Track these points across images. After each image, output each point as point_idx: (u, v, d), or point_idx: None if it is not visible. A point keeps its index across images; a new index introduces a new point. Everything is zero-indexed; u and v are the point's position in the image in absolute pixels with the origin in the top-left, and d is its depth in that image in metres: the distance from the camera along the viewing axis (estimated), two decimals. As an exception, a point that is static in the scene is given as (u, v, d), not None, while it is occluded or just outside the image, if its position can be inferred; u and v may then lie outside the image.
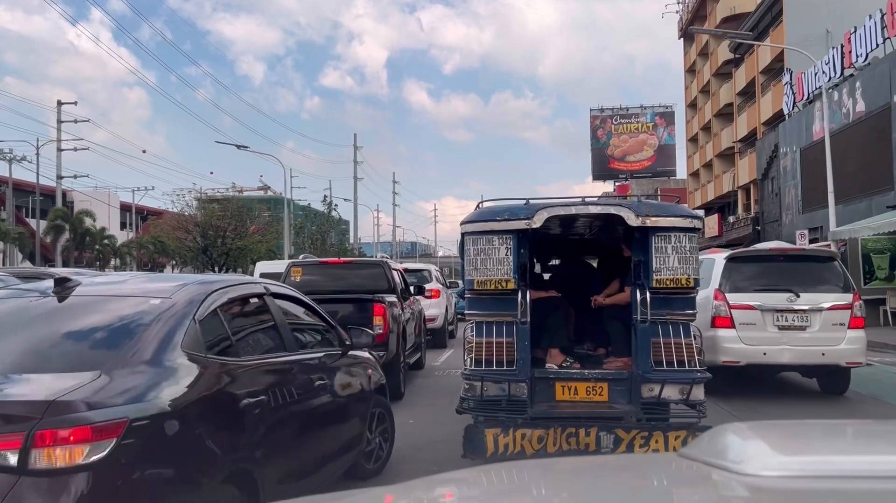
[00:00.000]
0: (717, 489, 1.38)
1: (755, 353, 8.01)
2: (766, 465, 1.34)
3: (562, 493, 1.48)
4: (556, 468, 1.76)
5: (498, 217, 5.33)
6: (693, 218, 5.32)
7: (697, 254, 5.35)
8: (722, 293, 8.15)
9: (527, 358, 5.28)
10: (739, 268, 8.44)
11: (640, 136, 59.57)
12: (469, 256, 5.41)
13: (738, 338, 8.01)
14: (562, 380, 5.45)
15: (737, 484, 1.32)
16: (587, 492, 1.47)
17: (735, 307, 8.08)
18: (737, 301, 8.12)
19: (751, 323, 8.03)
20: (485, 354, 5.29)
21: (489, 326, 5.35)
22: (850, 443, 1.70)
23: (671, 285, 5.20)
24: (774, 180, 29.38)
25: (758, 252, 9.06)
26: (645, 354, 5.19)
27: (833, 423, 2.59)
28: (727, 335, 8.05)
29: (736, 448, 1.48)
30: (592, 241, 7.19)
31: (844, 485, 1.28)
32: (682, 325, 5.30)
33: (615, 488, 1.49)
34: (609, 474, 1.61)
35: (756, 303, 8.09)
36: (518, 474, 1.66)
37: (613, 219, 5.33)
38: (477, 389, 5.25)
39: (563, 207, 5.31)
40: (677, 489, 1.48)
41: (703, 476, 1.44)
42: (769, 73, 33.67)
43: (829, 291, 8.29)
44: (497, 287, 5.29)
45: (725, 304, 8.09)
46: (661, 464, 1.77)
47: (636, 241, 5.43)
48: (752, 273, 8.47)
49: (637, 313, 5.23)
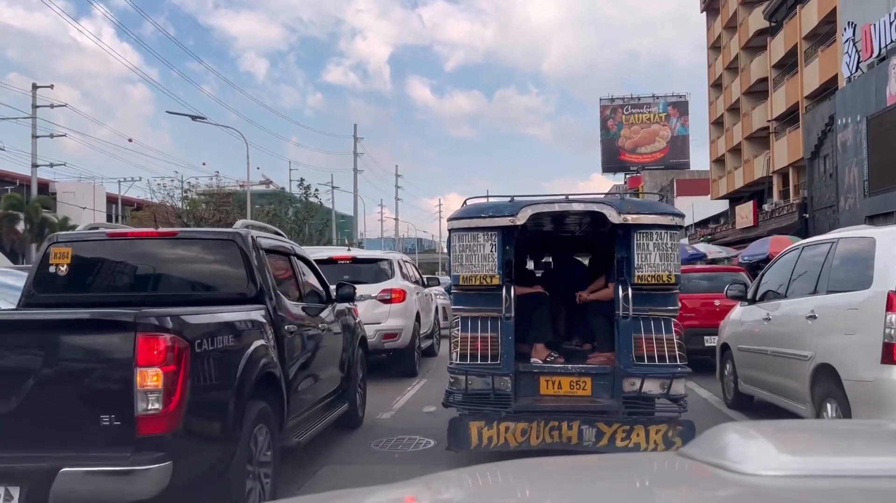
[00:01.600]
0: (717, 489, 1.38)
1: None
2: (766, 465, 1.35)
3: (561, 493, 1.48)
4: (556, 467, 1.75)
5: (483, 214, 5.47)
6: (675, 215, 5.45)
7: (679, 251, 5.47)
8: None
9: (511, 352, 5.43)
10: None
11: (652, 127, 57.93)
12: (455, 252, 5.56)
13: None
14: (546, 375, 5.60)
15: (737, 483, 1.33)
16: (587, 491, 1.48)
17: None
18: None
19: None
20: (469, 349, 5.45)
21: (474, 321, 5.51)
22: (850, 443, 1.69)
23: (653, 282, 5.34)
24: (828, 159, 25.01)
25: None
26: (627, 349, 5.33)
27: (833, 423, 2.48)
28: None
29: (736, 447, 1.48)
30: (583, 239, 7.29)
31: (844, 485, 1.28)
32: (664, 321, 5.44)
33: (615, 488, 1.49)
34: (609, 474, 1.62)
35: None
36: (518, 473, 1.65)
37: (596, 216, 5.45)
38: (462, 383, 5.41)
39: (547, 205, 5.46)
40: (677, 489, 1.48)
41: (703, 476, 1.44)
42: (814, 38, 30.21)
43: None
44: (482, 283, 5.44)
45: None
46: (660, 463, 1.78)
47: (619, 238, 5.57)
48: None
49: (619, 309, 5.37)
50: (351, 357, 6.68)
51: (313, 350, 5.57)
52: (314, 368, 5.56)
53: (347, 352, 6.61)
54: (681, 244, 5.80)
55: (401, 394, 9.02)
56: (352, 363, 6.68)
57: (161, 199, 35.38)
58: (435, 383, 9.17)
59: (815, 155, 26.24)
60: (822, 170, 25.85)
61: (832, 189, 24.46)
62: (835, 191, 24.10)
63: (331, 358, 6.12)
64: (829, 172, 24.74)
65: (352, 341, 6.81)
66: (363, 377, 7.25)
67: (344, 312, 6.77)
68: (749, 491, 1.31)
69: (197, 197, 35.19)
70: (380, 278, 10.34)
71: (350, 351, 6.69)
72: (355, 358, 6.81)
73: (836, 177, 23.87)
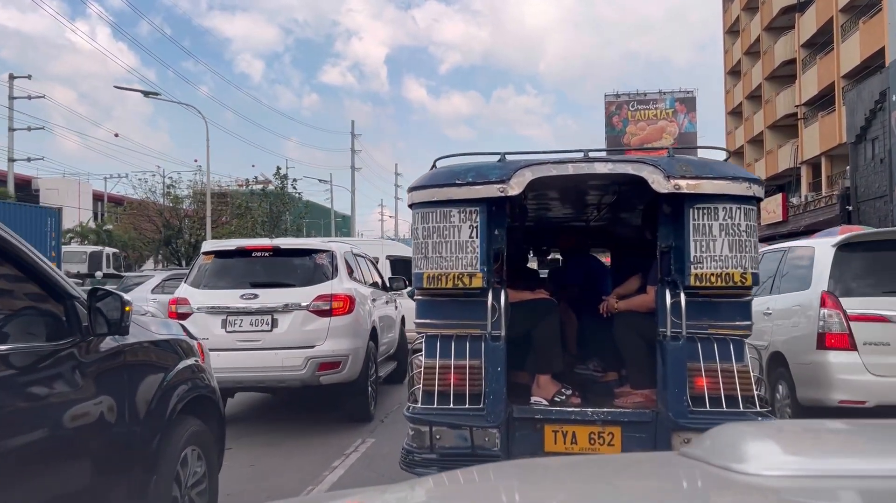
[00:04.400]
0: (717, 489, 1.37)
1: (891, 390, 5.51)
2: (766, 465, 1.34)
3: (561, 493, 1.47)
4: (556, 467, 1.79)
5: (458, 180, 3.67)
6: (752, 182, 3.62)
7: (756, 237, 3.65)
8: (833, 297, 5.72)
9: (501, 390, 3.64)
10: (858, 260, 6.01)
11: (658, 124, 56.94)
12: (417, 239, 3.75)
13: (863, 365, 5.60)
14: (553, 423, 3.81)
15: (737, 483, 1.32)
16: (587, 491, 1.47)
17: (856, 319, 5.65)
18: (858, 310, 5.67)
19: (882, 342, 5.61)
20: (438, 385, 3.64)
21: (445, 343, 3.72)
22: (851, 444, 1.68)
23: (718, 283, 3.56)
24: (878, 141, 22.46)
25: (886, 234, 6.75)
26: (677, 386, 3.56)
27: (834, 423, 2.32)
28: (845, 361, 5.63)
29: (737, 447, 1.46)
30: (603, 228, 5.52)
31: (846, 485, 1.29)
32: (734, 343, 3.66)
33: (615, 488, 1.48)
34: (609, 474, 1.59)
35: (889, 312, 5.66)
36: (517, 473, 1.66)
37: (629, 184, 3.62)
38: (425, 438, 3.57)
39: (555, 166, 3.62)
40: (677, 489, 1.47)
41: (704, 476, 1.42)
42: (853, 9, 28.19)
43: None
44: (457, 284, 3.66)
45: (840, 315, 5.68)
46: (661, 463, 1.74)
47: (665, 219, 3.76)
48: (878, 267, 6.04)
49: (666, 325, 3.61)
50: None
51: None
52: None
53: None
54: None
55: (336, 462, 5.80)
56: None
57: (143, 195, 33.88)
58: (398, 433, 5.58)
59: (861, 138, 23.78)
60: (869, 155, 23.44)
61: (883, 176, 22.08)
62: (887, 178, 21.74)
63: None
64: (880, 157, 22.38)
65: None
66: None
67: None
68: (750, 491, 1.31)
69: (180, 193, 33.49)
70: (314, 279, 7.04)
71: None
72: None
73: (888, 162, 21.64)
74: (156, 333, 3.75)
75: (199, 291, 6.99)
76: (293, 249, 7.48)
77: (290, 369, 6.66)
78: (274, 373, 6.71)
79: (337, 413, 7.48)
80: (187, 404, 3.66)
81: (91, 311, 3.04)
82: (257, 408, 8.47)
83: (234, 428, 7.36)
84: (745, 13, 42.74)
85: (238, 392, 7.51)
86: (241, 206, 33.41)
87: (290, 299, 6.77)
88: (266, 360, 6.67)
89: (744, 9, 42.84)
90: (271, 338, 6.70)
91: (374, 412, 7.63)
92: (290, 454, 6.11)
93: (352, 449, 6.24)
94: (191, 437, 3.66)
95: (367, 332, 7.42)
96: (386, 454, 5.85)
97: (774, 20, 37.20)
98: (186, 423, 3.65)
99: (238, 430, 7.10)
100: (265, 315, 6.76)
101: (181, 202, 33.09)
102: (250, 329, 6.76)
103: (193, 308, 6.86)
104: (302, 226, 40.24)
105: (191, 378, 3.80)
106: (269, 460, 5.98)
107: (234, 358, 6.64)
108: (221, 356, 6.54)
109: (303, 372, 6.65)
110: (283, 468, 5.73)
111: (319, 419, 7.56)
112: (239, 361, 6.66)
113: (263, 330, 6.74)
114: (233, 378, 6.66)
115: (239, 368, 6.66)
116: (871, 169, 23.41)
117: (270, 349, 6.68)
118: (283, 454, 6.15)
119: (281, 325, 6.73)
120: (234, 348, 6.69)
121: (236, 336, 6.74)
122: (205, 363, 4.22)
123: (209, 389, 4.05)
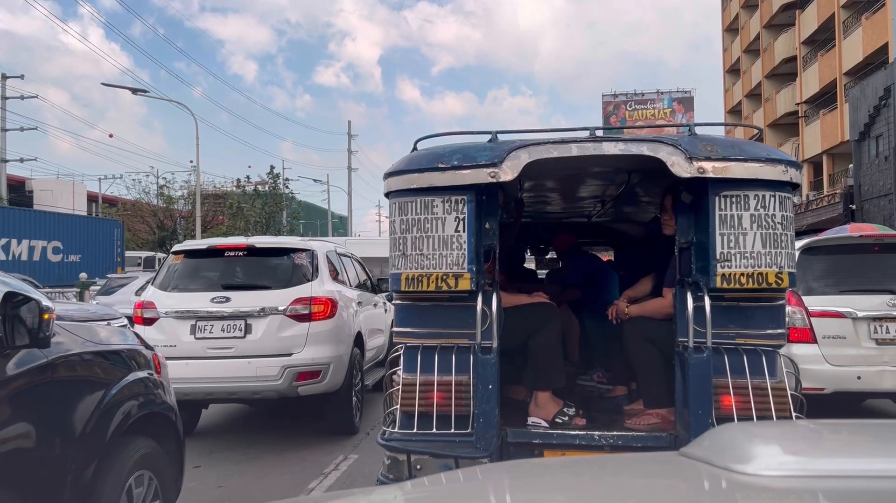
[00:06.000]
0: (717, 489, 1.37)
1: (846, 378, 6.30)
2: (766, 465, 1.34)
3: (562, 492, 1.46)
4: (556, 467, 1.77)
5: (442, 163, 3.13)
6: (788, 164, 3.08)
7: (793, 230, 3.12)
8: (797, 295, 6.41)
9: (492, 411, 3.11)
10: (818, 261, 6.74)
11: (656, 123, 56.94)
12: (395, 234, 3.21)
13: (822, 356, 6.33)
14: (555, 448, 3.28)
15: (737, 484, 1.32)
16: (587, 491, 1.46)
17: (817, 315, 6.37)
18: (818, 307, 6.39)
19: (839, 336, 6.37)
20: (419, 404, 3.10)
21: (428, 355, 3.18)
22: (851, 444, 1.67)
23: (749, 285, 3.03)
24: (882, 139, 22.31)
25: (843, 240, 7.22)
26: (701, 406, 3.03)
27: (834, 423, 2.23)
28: (807, 353, 6.35)
29: (737, 447, 1.47)
30: (609, 225, 5.03)
31: (845, 485, 1.28)
32: (766, 355, 3.13)
33: (615, 488, 1.48)
34: (609, 474, 1.60)
35: (845, 309, 6.39)
36: (517, 473, 1.65)
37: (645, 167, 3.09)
38: (403, 468, 3.03)
39: (556, 146, 3.08)
40: (678, 489, 1.46)
41: (704, 476, 1.43)
42: (855, 5, 27.99)
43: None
44: (441, 286, 3.13)
45: (803, 311, 6.38)
46: (661, 463, 1.71)
47: (684, 209, 3.23)
48: (836, 268, 6.78)
49: (687, 333, 3.06)
50: None
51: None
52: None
53: None
54: None
55: (313, 483, 5.29)
56: None
57: (137, 196, 33.51)
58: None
59: (865, 135, 23.48)
60: (873, 152, 23.15)
61: (887, 174, 21.78)
62: (892, 175, 21.45)
63: None
64: (885, 155, 22.09)
65: None
66: None
67: None
68: (750, 491, 1.31)
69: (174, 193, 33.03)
70: (292, 280, 6.46)
71: None
72: None
73: (893, 159, 21.38)
74: (99, 343, 3.29)
75: (166, 294, 6.43)
76: (270, 248, 6.81)
77: (266, 379, 6.09)
78: (247, 384, 6.14)
79: (321, 423, 6.86)
80: (136, 422, 3.22)
81: (5, 320, 2.57)
82: (234, 417, 7.88)
83: (207, 441, 6.80)
84: (745, 11, 42.58)
85: (211, 403, 6.97)
86: (233, 206, 32.90)
87: (265, 303, 6.21)
88: (239, 370, 6.10)
89: (743, 6, 42.67)
90: (244, 345, 6.14)
91: (360, 424, 7.04)
92: (263, 473, 5.56)
93: (332, 467, 5.68)
94: (140, 461, 3.22)
95: (351, 338, 6.86)
96: (368, 474, 5.31)
97: (774, 17, 37.01)
98: (135, 445, 3.22)
99: (210, 444, 6.56)
100: (238, 320, 6.19)
101: (174, 203, 32.66)
102: (222, 335, 6.18)
103: (160, 312, 6.30)
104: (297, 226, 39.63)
105: (142, 393, 3.37)
106: (240, 480, 5.42)
107: (203, 367, 6.09)
108: (190, 365, 6.05)
109: (279, 382, 6.08)
110: (253, 489, 5.17)
111: (301, 431, 6.99)
112: (209, 371, 6.09)
113: (236, 336, 6.17)
114: (202, 389, 6.12)
115: (209, 378, 6.10)
116: (875, 166, 23.07)
117: (243, 357, 6.11)
118: (256, 473, 5.59)
119: (255, 331, 6.16)
120: (203, 356, 6.13)
121: (206, 343, 6.17)
122: (161, 376, 3.78)
123: (164, 406, 3.61)
